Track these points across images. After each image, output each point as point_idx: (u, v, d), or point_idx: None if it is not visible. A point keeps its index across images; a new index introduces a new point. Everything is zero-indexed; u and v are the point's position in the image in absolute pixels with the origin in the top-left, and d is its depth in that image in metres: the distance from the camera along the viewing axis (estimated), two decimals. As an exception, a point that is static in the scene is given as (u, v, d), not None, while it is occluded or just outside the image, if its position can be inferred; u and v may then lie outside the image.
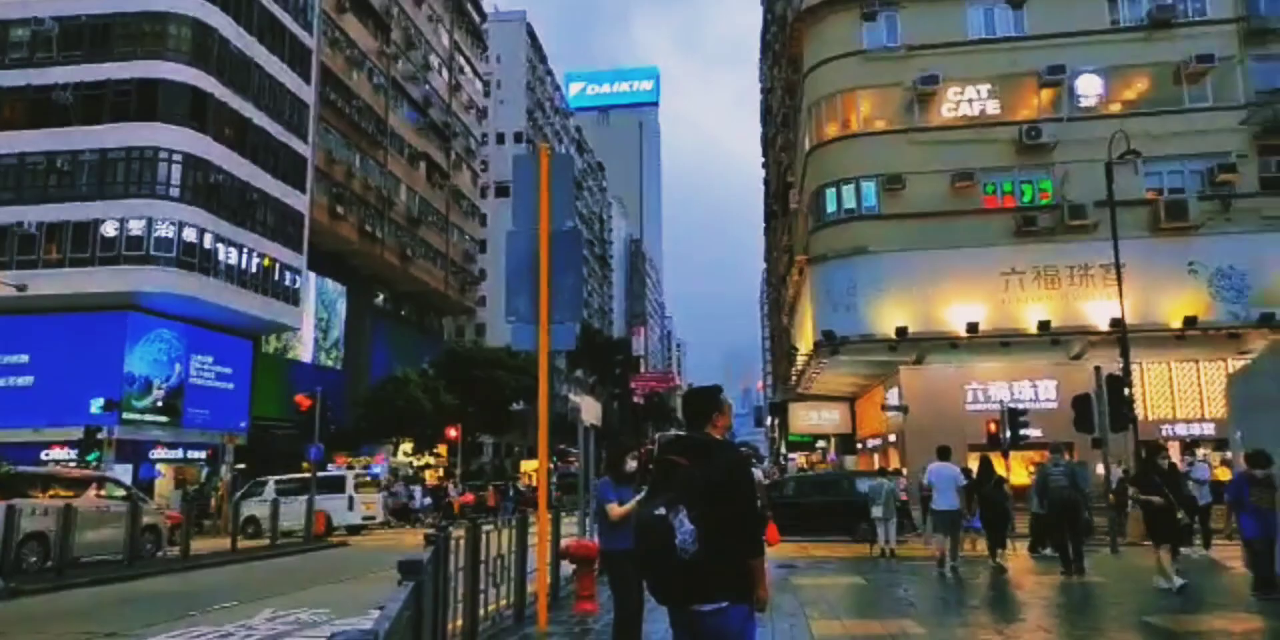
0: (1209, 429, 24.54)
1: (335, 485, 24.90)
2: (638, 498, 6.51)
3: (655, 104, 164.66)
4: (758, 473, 26.87)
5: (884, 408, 28.75)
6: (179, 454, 34.40)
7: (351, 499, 24.66)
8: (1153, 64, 27.18)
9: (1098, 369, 17.24)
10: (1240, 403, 11.48)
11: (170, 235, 31.76)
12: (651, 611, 6.16)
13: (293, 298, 39.15)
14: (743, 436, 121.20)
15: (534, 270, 8.30)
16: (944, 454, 13.29)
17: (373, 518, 26.09)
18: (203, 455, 35.43)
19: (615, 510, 6.47)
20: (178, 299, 32.30)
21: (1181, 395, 25.90)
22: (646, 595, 5.66)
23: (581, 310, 9.86)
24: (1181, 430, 24.82)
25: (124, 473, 26.64)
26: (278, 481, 25.99)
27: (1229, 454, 14.10)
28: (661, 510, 3.48)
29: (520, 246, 8.47)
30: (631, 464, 7.05)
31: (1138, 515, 10.32)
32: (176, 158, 32.22)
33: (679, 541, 3.39)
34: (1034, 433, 20.48)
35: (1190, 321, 24.74)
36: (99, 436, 24.93)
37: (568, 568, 9.76)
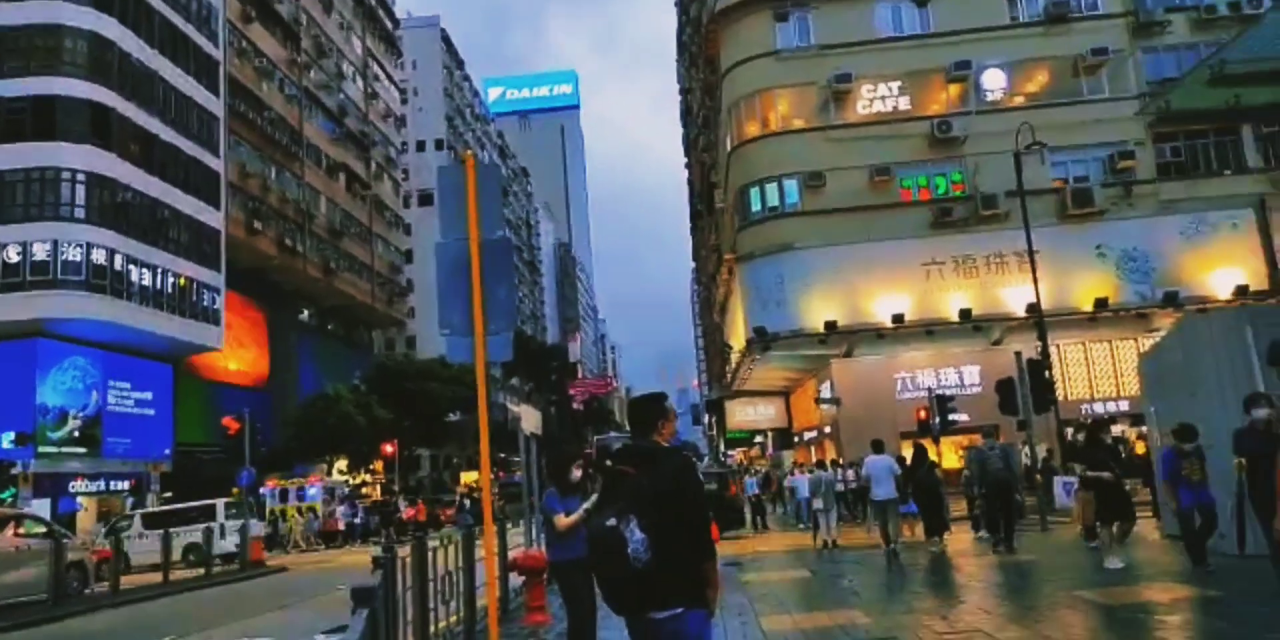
0: (1124, 406, 25.69)
1: (206, 514, 23.58)
2: (585, 507, 6.53)
3: (576, 107, 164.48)
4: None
5: (817, 400, 29.30)
6: (101, 485, 33.02)
7: (222, 527, 23.29)
8: (1052, 57, 28.32)
9: (1018, 354, 17.89)
10: (1152, 380, 12.05)
11: (78, 258, 30.49)
12: (604, 619, 6.18)
13: (212, 318, 37.96)
14: (683, 436, 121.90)
15: (465, 281, 8.21)
16: (878, 447, 13.91)
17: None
18: (126, 485, 34.08)
19: (562, 521, 6.47)
20: (90, 324, 31.01)
21: (1097, 375, 27.05)
22: (599, 603, 5.69)
23: (516, 319, 9.81)
24: (1099, 408, 25.92)
25: (42, 508, 25.52)
26: (143, 515, 24.93)
27: (1144, 429, 14.71)
28: (612, 521, 3.49)
29: (449, 257, 8.36)
30: (576, 473, 7.06)
31: (1087, 497, 10.50)
32: (80, 177, 30.95)
33: (631, 551, 3.40)
34: (962, 418, 21.17)
35: (1101, 303, 25.84)
36: (13, 472, 23.79)
37: (517, 579, 9.72)
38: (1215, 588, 8.06)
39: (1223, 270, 26.10)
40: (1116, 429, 15.05)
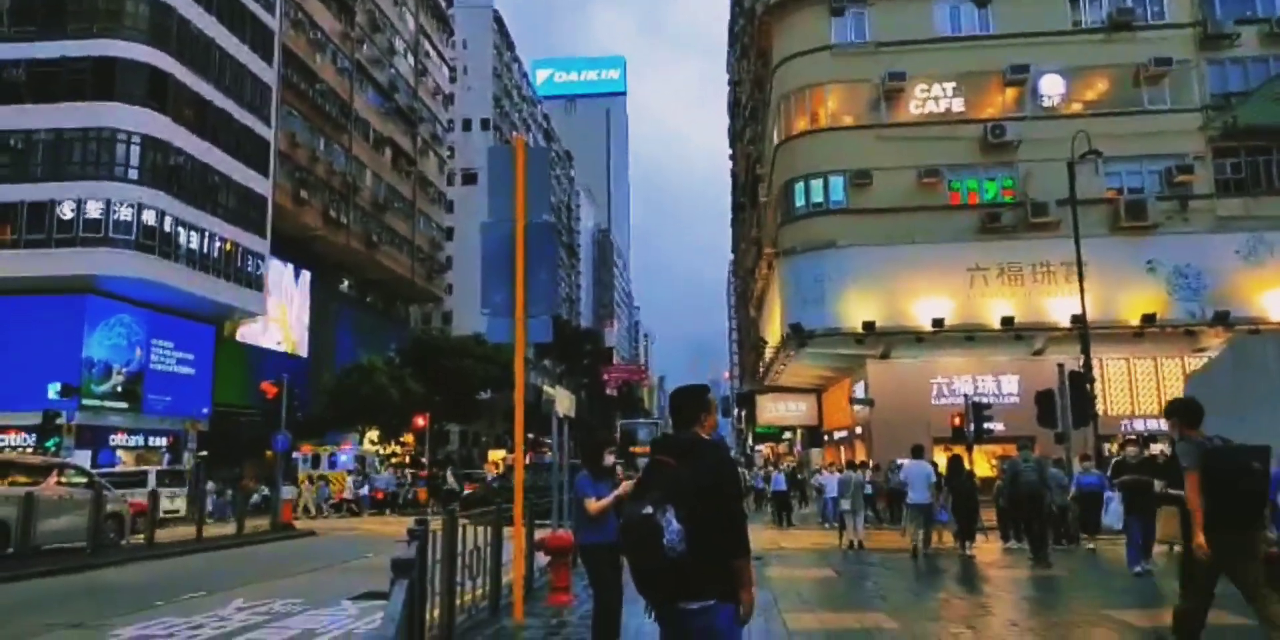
0: (1166, 425, 25.16)
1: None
2: (616, 493, 6.58)
3: (622, 93, 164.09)
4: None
5: (851, 400, 29.13)
6: (140, 441, 33.84)
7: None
8: (1113, 65, 27.72)
9: (1061, 366, 17.64)
10: (1199, 399, 11.80)
11: (129, 218, 31.12)
12: (629, 603, 6.24)
13: (256, 283, 38.59)
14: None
15: (509, 263, 8.29)
16: (917, 453, 14.19)
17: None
18: (164, 442, 34.88)
19: (593, 505, 6.52)
20: (137, 283, 31.69)
21: (1140, 392, 26.56)
22: (625, 588, 5.74)
23: (557, 303, 9.89)
24: (1140, 426, 25.47)
25: (83, 459, 26.15)
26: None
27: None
28: (649, 509, 3.50)
29: (495, 239, 8.45)
30: (609, 458, 7.10)
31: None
32: (135, 139, 31.54)
33: (666, 541, 3.41)
34: (997, 426, 20.92)
35: (1149, 319, 25.36)
36: (58, 422, 24.40)
37: (542, 559, 9.82)
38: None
39: (1278, 291, 25.46)
40: (1156, 447, 14.72)
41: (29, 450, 25.94)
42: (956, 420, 20.64)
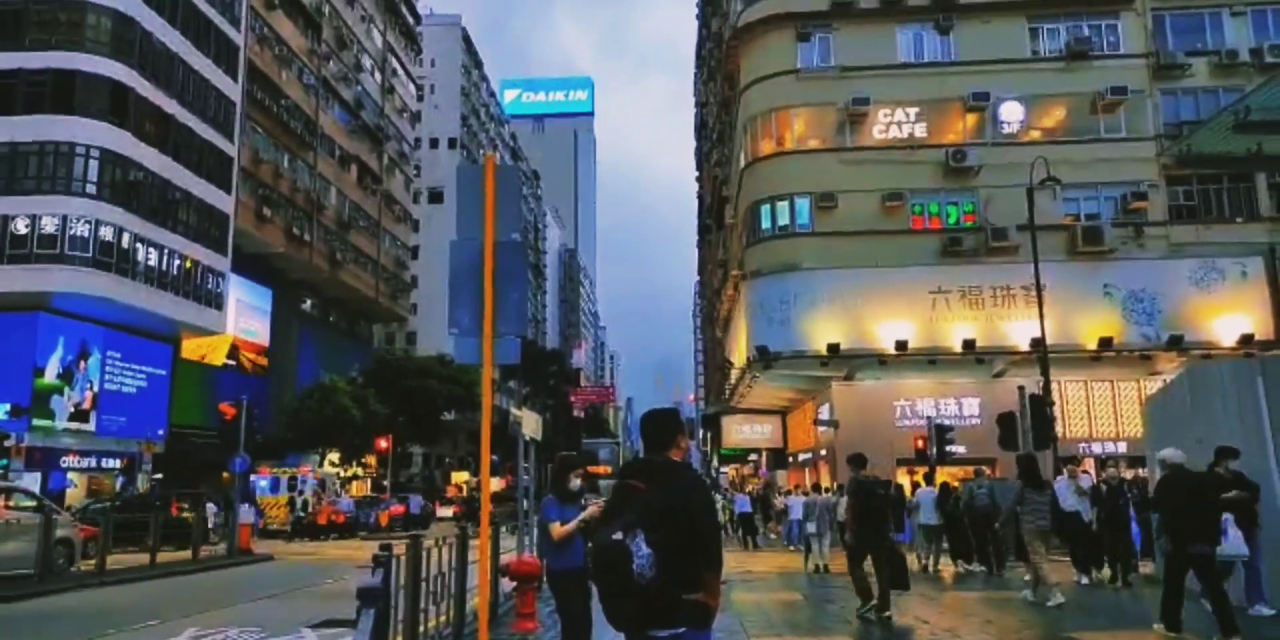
0: (1123, 447, 25.62)
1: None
2: (581, 516, 6.50)
3: (590, 114, 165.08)
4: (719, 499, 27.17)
5: (816, 422, 29.24)
6: (92, 462, 32.95)
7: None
8: (1070, 94, 28.40)
9: (1021, 389, 17.88)
10: (1157, 423, 12.04)
11: (86, 234, 30.53)
12: (597, 629, 6.15)
13: (215, 301, 37.97)
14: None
15: (477, 282, 8.21)
16: (929, 479, 16.26)
17: None
18: (118, 464, 33.99)
19: (558, 530, 6.44)
20: (93, 300, 31.02)
21: (1097, 414, 26.99)
22: (594, 615, 5.67)
23: (526, 323, 9.80)
24: (1097, 448, 25.84)
25: (33, 482, 25.45)
26: None
27: (1142, 471, 14.79)
28: (619, 535, 3.46)
29: (463, 257, 8.35)
30: (576, 482, 7.03)
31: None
32: (94, 153, 31.02)
33: (636, 567, 3.37)
34: (959, 449, 21.11)
35: (1105, 342, 25.82)
36: (6, 444, 23.73)
37: (507, 585, 9.68)
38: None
39: (1229, 317, 26.09)
40: (1111, 470, 14.97)
41: (-25, 472, 25.17)
42: (920, 442, 20.82)
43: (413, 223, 67.83)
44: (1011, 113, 28.39)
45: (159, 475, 34.85)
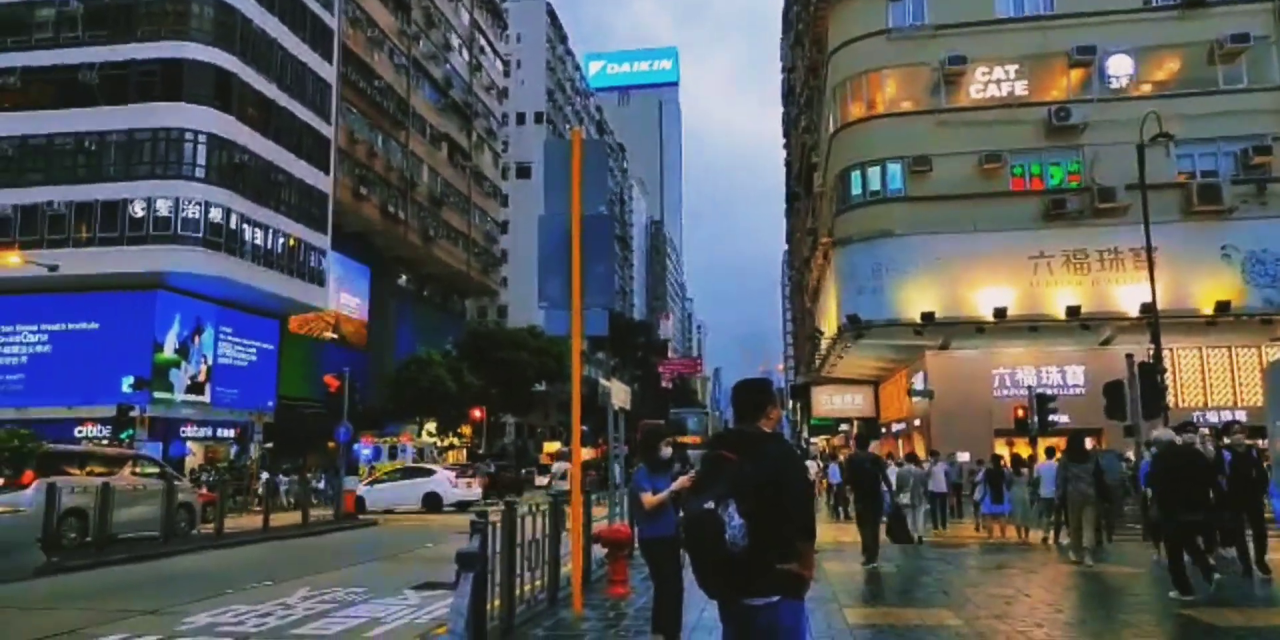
0: (1241, 416, 24.25)
1: None
2: (672, 486, 6.54)
3: (675, 84, 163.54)
4: (812, 465, 27.00)
5: (909, 392, 28.65)
6: (208, 432, 34.91)
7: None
8: (1186, 44, 26.64)
9: (1129, 356, 17.07)
10: (1278, 391, 11.33)
11: (197, 215, 32.04)
12: (689, 595, 6.21)
13: (318, 278, 39.43)
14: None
15: (566, 255, 8.29)
16: (1050, 454, 15.43)
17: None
18: (231, 434, 35.94)
19: (649, 499, 6.50)
20: (205, 279, 32.64)
21: (1213, 382, 25.62)
22: (686, 581, 5.71)
23: (613, 295, 9.86)
24: (1213, 417, 24.55)
25: (155, 450, 27.09)
26: None
27: (1262, 443, 13.91)
28: (710, 504, 3.45)
29: (552, 231, 8.45)
30: (666, 450, 7.06)
31: None
32: (202, 138, 32.43)
33: (729, 536, 3.36)
34: (1062, 419, 20.37)
35: (1223, 307, 24.41)
36: (131, 415, 25.30)
37: (599, 552, 9.84)
38: None
39: (1361, 278, 24.31)
40: (1237, 437, 13.94)
41: (105, 442, 26.97)
42: (1019, 412, 20.17)
43: (502, 198, 68.84)
44: (1120, 66, 26.81)
45: (269, 444, 36.64)
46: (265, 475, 29.00)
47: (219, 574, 12.00)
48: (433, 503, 25.02)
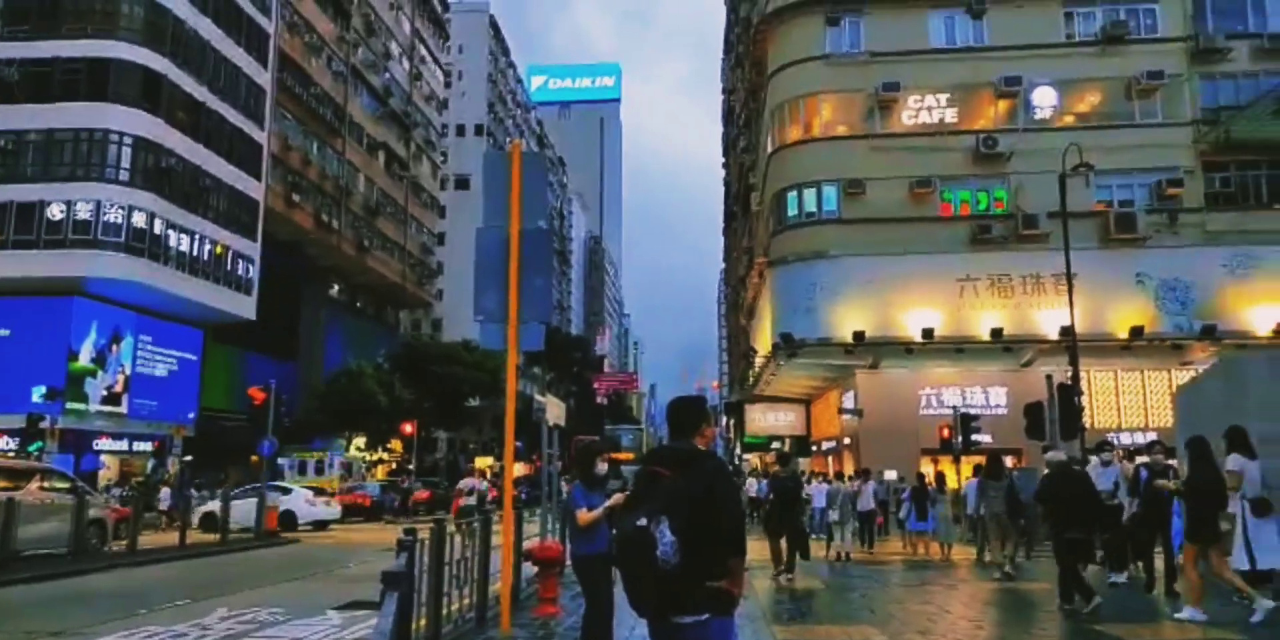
0: (1152, 438, 25.19)
1: None
2: (607, 503, 6.53)
3: (616, 100, 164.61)
4: (752, 483, 27.11)
5: (840, 411, 29.11)
6: (124, 445, 33.56)
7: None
8: (1106, 79, 27.87)
9: (1049, 377, 17.67)
10: (1187, 414, 11.84)
11: (119, 220, 30.97)
12: (619, 612, 6.18)
13: (246, 287, 38.40)
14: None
15: (503, 268, 8.23)
16: (978, 471, 15.45)
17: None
18: (149, 447, 34.60)
19: (584, 516, 6.48)
20: (126, 285, 31.50)
21: (1126, 404, 26.63)
22: (617, 599, 5.69)
23: (551, 310, 9.81)
24: (1125, 439, 25.46)
25: (66, 463, 25.91)
26: None
27: (1173, 462, 14.43)
28: (643, 520, 3.45)
29: (489, 244, 8.38)
30: (602, 466, 7.06)
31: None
32: (127, 140, 31.42)
33: (660, 552, 3.37)
34: (985, 438, 20.91)
35: (1137, 332, 25.44)
36: (41, 426, 24.20)
37: (530, 570, 9.74)
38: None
39: (1265, 307, 25.59)
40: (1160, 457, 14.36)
41: (11, 455, 25.69)
42: (945, 432, 20.66)
43: (439, 209, 68.16)
44: (1044, 98, 27.92)
45: (189, 458, 35.40)
46: (166, 490, 27.96)
47: (132, 593, 11.52)
48: (288, 521, 23.85)
